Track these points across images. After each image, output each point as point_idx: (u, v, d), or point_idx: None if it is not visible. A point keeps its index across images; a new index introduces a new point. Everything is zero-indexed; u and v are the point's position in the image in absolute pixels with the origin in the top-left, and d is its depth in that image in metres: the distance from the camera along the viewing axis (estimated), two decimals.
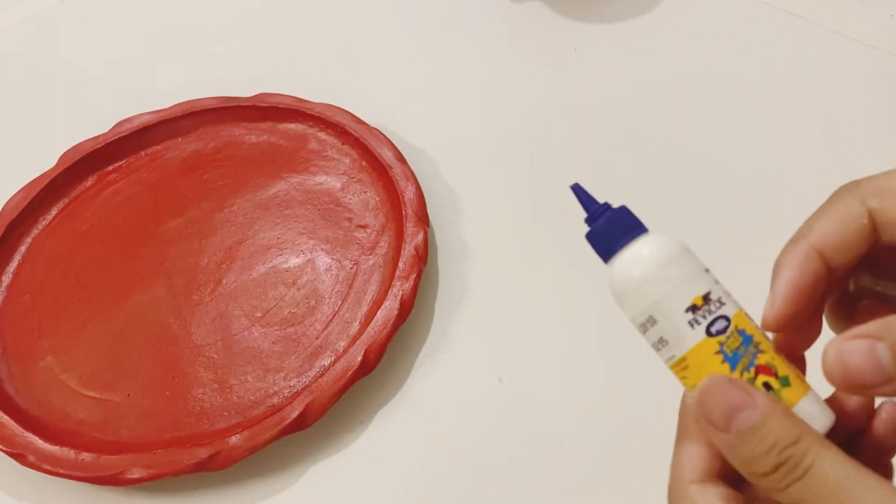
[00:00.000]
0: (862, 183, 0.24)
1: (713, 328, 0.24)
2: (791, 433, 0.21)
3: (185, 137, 0.59)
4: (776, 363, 0.24)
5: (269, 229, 0.53)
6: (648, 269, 0.25)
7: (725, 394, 0.22)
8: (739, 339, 0.24)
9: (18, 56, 0.70)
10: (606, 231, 0.26)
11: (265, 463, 0.43)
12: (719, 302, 0.24)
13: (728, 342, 0.24)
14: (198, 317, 0.48)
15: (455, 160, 0.57)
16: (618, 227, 0.26)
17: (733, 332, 0.24)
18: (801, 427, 0.21)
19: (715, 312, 0.24)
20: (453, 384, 0.46)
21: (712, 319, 0.24)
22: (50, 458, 0.41)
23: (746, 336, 0.24)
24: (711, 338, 0.24)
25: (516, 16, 0.69)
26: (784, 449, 0.21)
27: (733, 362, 0.24)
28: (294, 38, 0.69)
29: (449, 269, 0.51)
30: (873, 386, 0.20)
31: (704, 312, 0.24)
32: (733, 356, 0.24)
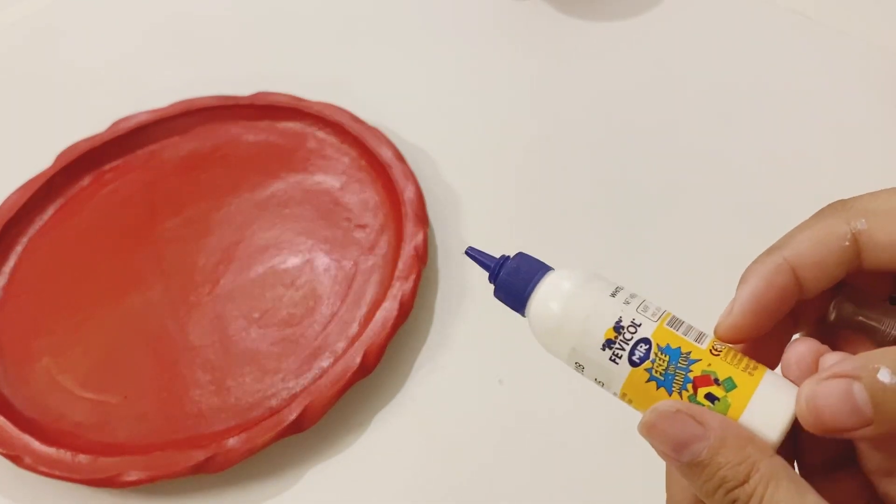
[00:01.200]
0: (849, 203, 0.23)
1: (635, 357, 0.23)
2: (738, 471, 0.20)
3: (182, 136, 0.58)
4: (714, 367, 0.22)
5: (267, 229, 0.52)
6: (556, 317, 0.24)
7: (673, 426, 0.21)
8: (666, 358, 0.23)
9: (15, 55, 0.70)
10: (509, 285, 0.25)
11: (263, 465, 0.43)
12: (633, 326, 0.23)
13: (655, 366, 0.23)
14: (195, 318, 0.48)
15: (455, 160, 0.57)
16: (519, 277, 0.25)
17: (657, 354, 0.23)
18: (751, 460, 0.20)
19: (631, 340, 0.23)
20: (453, 386, 0.45)
21: (631, 348, 0.23)
22: (46, 460, 0.41)
23: (672, 351, 0.23)
24: (637, 367, 0.23)
25: (517, 14, 0.68)
26: (731, 490, 0.20)
27: (668, 385, 0.23)
28: (292, 36, 0.68)
29: (449, 269, 0.51)
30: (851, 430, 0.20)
31: (621, 344, 0.23)
32: (665, 378, 0.23)
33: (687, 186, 0.54)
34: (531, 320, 0.25)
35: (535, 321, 0.25)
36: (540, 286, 0.25)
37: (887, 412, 0.19)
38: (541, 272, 0.25)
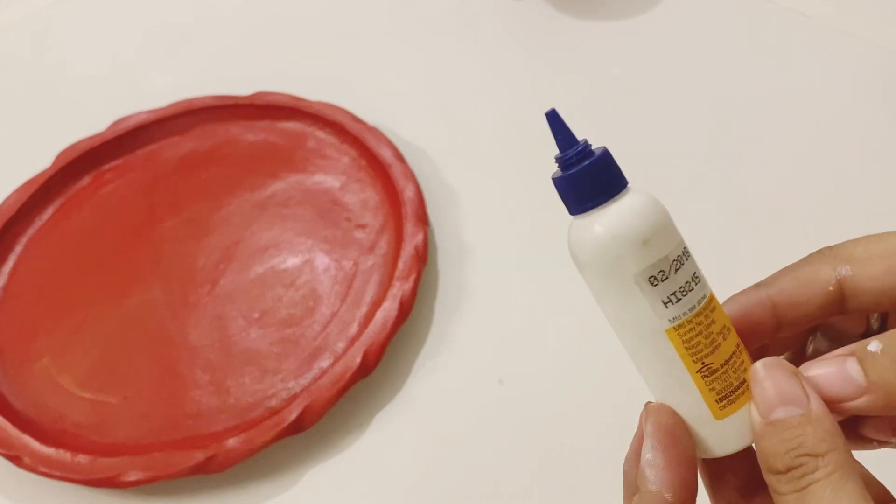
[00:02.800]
0: (836, 249, 0.24)
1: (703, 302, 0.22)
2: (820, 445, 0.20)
3: (181, 136, 0.58)
4: None
5: (266, 229, 0.52)
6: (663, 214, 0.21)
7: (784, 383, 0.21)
8: None
9: (14, 55, 0.70)
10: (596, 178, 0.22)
11: (263, 466, 0.43)
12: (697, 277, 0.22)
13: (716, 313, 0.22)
14: (195, 318, 0.48)
15: (455, 159, 0.57)
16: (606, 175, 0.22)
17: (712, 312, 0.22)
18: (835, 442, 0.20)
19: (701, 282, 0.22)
20: (453, 386, 0.45)
21: None
22: (46, 461, 0.41)
23: None
24: None
25: (517, 14, 0.68)
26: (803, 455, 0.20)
27: None
28: (292, 35, 0.68)
29: (449, 269, 0.51)
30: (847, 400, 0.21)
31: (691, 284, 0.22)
32: None
33: (687, 186, 0.54)
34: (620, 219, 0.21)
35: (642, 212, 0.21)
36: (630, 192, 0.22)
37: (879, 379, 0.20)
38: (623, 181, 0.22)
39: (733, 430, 0.22)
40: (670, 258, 0.21)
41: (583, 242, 0.22)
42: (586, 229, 0.21)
